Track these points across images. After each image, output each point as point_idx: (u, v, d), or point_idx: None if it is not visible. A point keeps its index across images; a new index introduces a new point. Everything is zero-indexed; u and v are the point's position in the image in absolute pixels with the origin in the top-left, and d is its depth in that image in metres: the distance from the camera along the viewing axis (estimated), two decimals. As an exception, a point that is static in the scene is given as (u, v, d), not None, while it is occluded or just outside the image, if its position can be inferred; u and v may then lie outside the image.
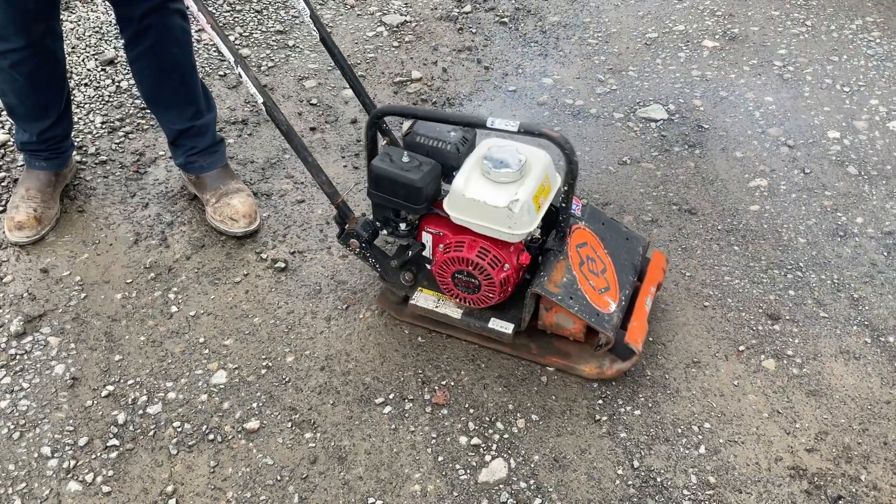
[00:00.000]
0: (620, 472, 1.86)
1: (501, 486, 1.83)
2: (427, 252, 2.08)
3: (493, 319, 2.04)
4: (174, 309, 2.25)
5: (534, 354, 2.06)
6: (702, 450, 1.90)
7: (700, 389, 2.03)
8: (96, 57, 3.20)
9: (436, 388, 2.03)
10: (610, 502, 1.81)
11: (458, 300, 2.04)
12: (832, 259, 2.39)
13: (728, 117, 2.96)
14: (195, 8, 1.90)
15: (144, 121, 2.91)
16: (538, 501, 1.81)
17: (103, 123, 2.89)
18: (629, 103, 3.04)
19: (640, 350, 1.96)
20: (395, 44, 3.37)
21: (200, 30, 3.11)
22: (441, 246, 2.01)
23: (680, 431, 1.94)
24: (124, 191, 2.62)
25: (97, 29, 3.36)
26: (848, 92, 3.06)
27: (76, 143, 2.75)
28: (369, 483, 1.84)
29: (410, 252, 2.05)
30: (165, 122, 2.46)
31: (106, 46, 3.26)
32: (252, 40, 3.36)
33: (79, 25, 3.38)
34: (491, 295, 1.97)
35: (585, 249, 2.02)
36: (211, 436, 1.94)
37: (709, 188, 2.65)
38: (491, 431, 1.94)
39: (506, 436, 1.93)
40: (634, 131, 2.91)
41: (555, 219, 1.98)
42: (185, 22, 2.30)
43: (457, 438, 1.93)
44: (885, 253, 2.41)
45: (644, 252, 2.17)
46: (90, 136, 2.83)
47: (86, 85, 3.06)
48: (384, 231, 2.07)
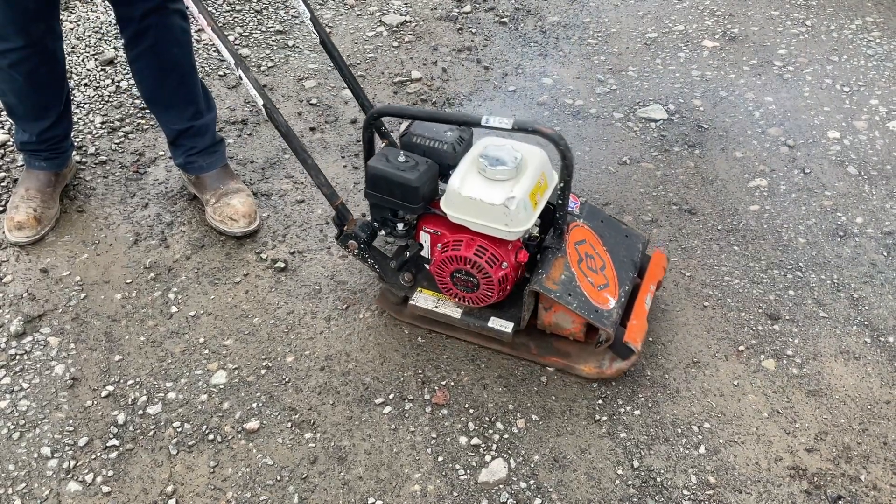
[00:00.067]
0: (620, 472, 1.86)
1: (501, 486, 1.83)
2: (425, 252, 2.08)
3: (493, 318, 2.04)
4: (174, 309, 2.25)
5: (533, 354, 2.06)
6: (702, 450, 1.90)
7: (700, 389, 2.03)
8: (96, 57, 3.20)
9: (436, 389, 2.03)
10: (610, 502, 1.81)
11: (457, 299, 2.04)
12: (832, 259, 2.39)
13: (728, 117, 2.96)
14: (195, 9, 1.90)
15: (144, 121, 2.91)
16: (538, 501, 1.81)
17: (103, 123, 2.89)
18: (629, 103, 3.03)
19: (640, 349, 1.96)
20: (395, 44, 3.37)
21: (200, 30, 3.11)
22: (439, 245, 2.01)
23: (680, 431, 1.94)
24: (124, 191, 2.62)
25: (97, 29, 3.36)
26: (848, 92, 3.06)
27: (76, 143, 2.75)
28: (369, 483, 1.84)
29: (409, 252, 2.05)
30: (165, 122, 2.46)
31: (106, 46, 3.26)
32: (252, 40, 3.36)
33: (78, 25, 3.38)
34: (489, 293, 1.97)
35: (584, 247, 2.02)
36: (211, 436, 1.94)
37: (709, 188, 2.65)
38: (491, 431, 1.94)
39: (506, 436, 1.93)
40: (634, 131, 2.90)
41: (553, 216, 1.98)
42: (185, 22, 2.30)
43: (457, 438, 1.93)
44: (885, 253, 2.41)
45: (644, 249, 2.17)
46: (90, 136, 2.83)
47: (85, 85, 3.06)
48: (382, 231, 2.07)
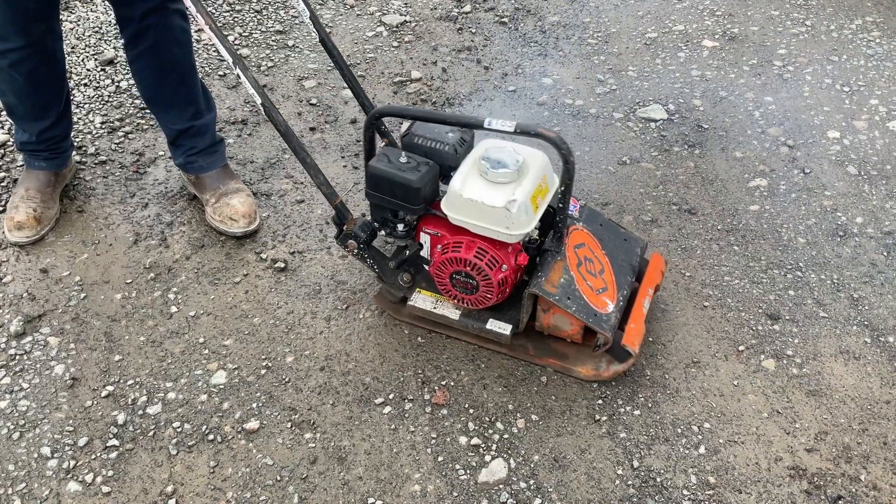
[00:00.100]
0: (620, 472, 1.86)
1: (501, 487, 1.83)
2: (425, 253, 2.08)
3: (492, 320, 2.04)
4: (174, 309, 2.25)
5: (531, 356, 2.06)
6: (701, 450, 1.90)
7: (700, 389, 2.03)
8: (96, 57, 3.20)
9: (436, 389, 2.03)
10: (610, 502, 1.81)
11: (456, 301, 2.04)
12: (832, 259, 2.39)
13: (728, 117, 2.96)
14: (194, 8, 1.90)
15: (144, 121, 2.91)
16: (538, 501, 1.81)
17: (103, 123, 2.89)
18: (629, 103, 3.03)
19: (637, 352, 1.96)
20: (395, 44, 3.37)
21: (200, 30, 3.11)
22: (439, 247, 2.01)
23: (680, 431, 1.94)
24: (124, 191, 2.62)
25: (97, 29, 3.36)
26: (848, 92, 3.06)
27: (76, 143, 2.75)
28: (369, 483, 1.84)
29: (408, 253, 2.05)
30: (165, 122, 2.46)
31: (105, 46, 3.26)
32: (252, 40, 3.36)
33: (78, 25, 3.37)
34: (489, 296, 1.97)
35: (583, 250, 2.02)
36: (211, 436, 1.94)
37: (708, 188, 2.65)
38: (491, 431, 1.94)
39: (506, 436, 1.93)
40: (634, 131, 2.90)
41: (553, 220, 1.98)
42: (185, 22, 2.30)
43: (457, 438, 1.93)
44: (885, 253, 2.41)
45: (642, 253, 2.17)
46: (90, 136, 2.83)
47: (85, 85, 3.06)
48: (382, 232, 2.07)
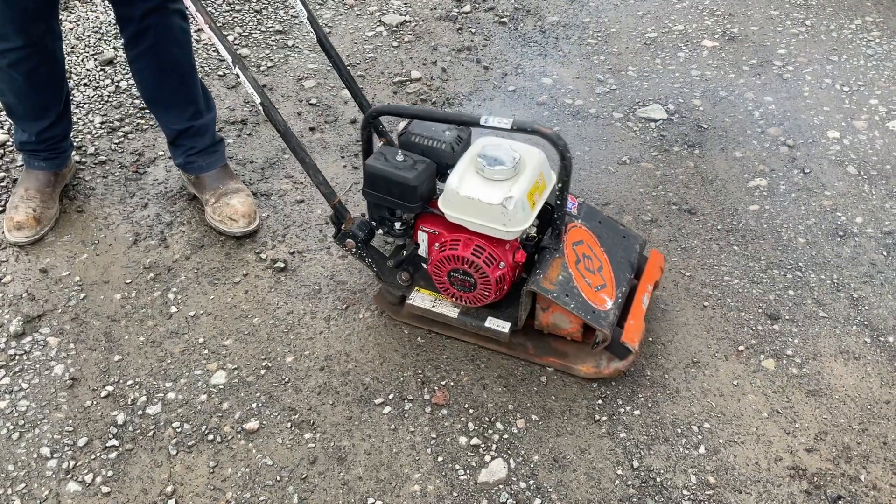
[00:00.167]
0: (620, 473, 1.86)
1: (501, 487, 1.83)
2: (423, 251, 2.08)
3: (490, 318, 2.04)
4: (173, 309, 2.25)
5: (531, 354, 2.06)
6: (701, 450, 1.90)
7: (700, 389, 2.03)
8: (95, 57, 3.20)
9: (435, 389, 2.03)
10: (610, 502, 1.81)
11: (455, 299, 2.04)
12: (832, 259, 2.39)
13: (727, 117, 2.96)
14: (193, 8, 1.90)
15: (144, 121, 2.91)
16: (538, 501, 1.81)
17: (102, 123, 2.88)
18: (628, 103, 3.03)
19: (637, 349, 1.96)
20: (395, 44, 3.37)
21: (200, 30, 3.11)
22: (436, 245, 2.01)
23: (679, 431, 1.94)
24: (123, 191, 2.62)
25: (96, 29, 3.36)
26: (847, 92, 3.06)
27: (75, 143, 2.74)
28: (369, 483, 1.84)
29: (406, 251, 2.05)
30: (165, 122, 2.46)
31: (105, 46, 3.26)
32: (251, 40, 3.36)
33: (78, 25, 3.37)
34: (487, 293, 1.97)
35: (581, 247, 2.02)
36: (210, 436, 1.94)
37: (708, 188, 2.65)
38: (491, 432, 1.94)
39: (505, 436, 1.93)
40: (634, 131, 2.90)
41: (551, 217, 1.98)
42: (185, 22, 2.30)
43: (456, 439, 1.93)
44: (885, 253, 2.41)
45: (641, 250, 2.17)
46: (89, 136, 2.83)
47: (85, 85, 3.06)
48: (380, 230, 2.07)
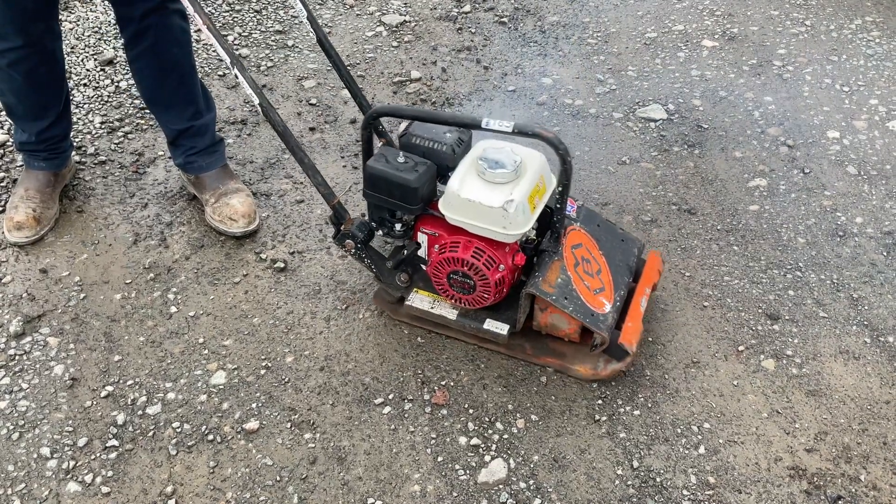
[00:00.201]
0: (620, 473, 1.86)
1: (501, 487, 1.83)
2: (422, 252, 2.08)
3: (489, 320, 2.04)
4: (173, 309, 2.25)
5: (529, 355, 2.06)
6: (701, 450, 1.90)
7: (699, 389, 2.03)
8: (95, 57, 3.20)
9: (435, 389, 2.03)
10: (609, 502, 1.81)
11: (454, 301, 2.04)
12: (832, 259, 2.39)
13: (727, 117, 2.96)
14: (191, 8, 1.90)
15: (143, 121, 2.91)
16: (538, 502, 1.81)
17: (102, 123, 2.88)
18: (628, 103, 3.03)
19: (635, 351, 1.96)
20: (395, 44, 3.37)
21: (199, 30, 3.11)
22: (436, 246, 2.01)
23: (679, 431, 1.94)
24: (123, 191, 2.62)
25: (96, 29, 3.36)
26: (847, 92, 3.06)
27: (75, 144, 2.74)
28: (369, 483, 1.84)
29: (406, 252, 2.05)
30: (165, 122, 2.46)
31: (105, 46, 3.26)
32: (251, 40, 3.36)
33: (78, 25, 3.37)
34: (486, 295, 1.97)
35: (580, 250, 2.02)
36: (210, 436, 1.94)
37: (708, 188, 2.65)
38: (490, 432, 1.94)
39: (505, 436, 1.93)
40: (634, 131, 2.90)
41: (550, 220, 1.98)
42: (185, 22, 2.30)
43: (456, 439, 1.93)
44: (885, 253, 2.41)
45: (639, 253, 2.17)
46: (89, 137, 2.83)
47: (85, 85, 3.06)
48: (380, 232, 2.07)
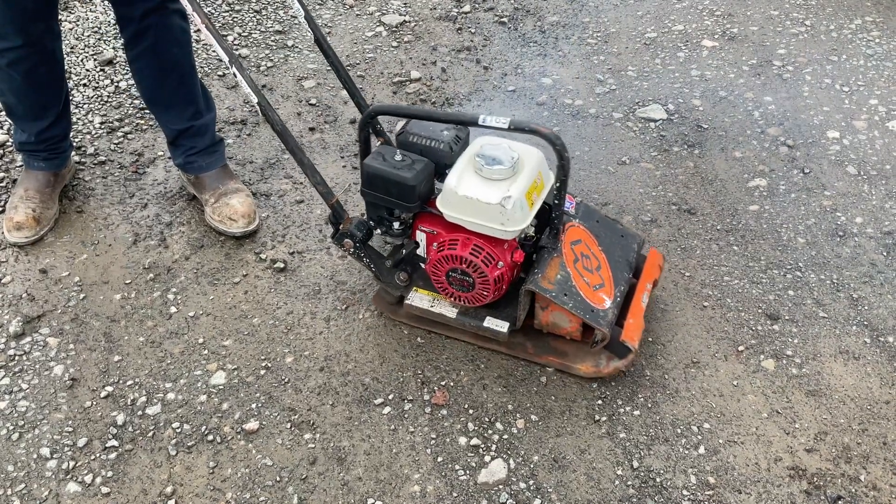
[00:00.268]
0: (620, 473, 1.86)
1: (501, 487, 1.83)
2: (421, 251, 2.08)
3: (489, 318, 2.03)
4: (173, 309, 2.25)
5: (530, 354, 2.06)
6: (701, 450, 1.90)
7: (699, 390, 2.03)
8: (95, 57, 3.20)
9: (435, 389, 2.03)
10: (609, 502, 1.80)
11: (453, 299, 2.04)
12: (831, 259, 2.39)
13: (727, 117, 2.96)
14: (189, 7, 1.90)
15: (143, 121, 2.90)
16: (538, 502, 1.81)
17: (102, 124, 2.88)
18: (628, 103, 3.03)
19: (637, 347, 1.96)
20: (394, 44, 3.37)
21: (199, 30, 3.11)
22: (435, 244, 2.01)
23: (679, 432, 1.94)
24: (123, 191, 2.62)
25: (96, 29, 3.36)
26: (847, 92, 3.06)
27: (75, 144, 2.74)
28: (368, 484, 1.84)
29: (404, 251, 2.05)
30: (165, 122, 2.46)
31: (105, 46, 3.26)
32: (251, 40, 3.36)
33: (77, 25, 3.37)
34: (485, 293, 1.97)
35: (580, 247, 2.02)
36: (210, 436, 1.94)
37: (708, 188, 2.65)
38: (490, 432, 1.94)
39: (505, 436, 1.93)
40: (634, 131, 2.90)
41: (549, 216, 1.98)
42: (185, 22, 2.30)
43: (456, 439, 1.93)
44: (885, 253, 2.41)
45: (639, 249, 2.17)
46: (89, 137, 2.83)
47: (84, 85, 3.06)
48: (378, 230, 2.07)
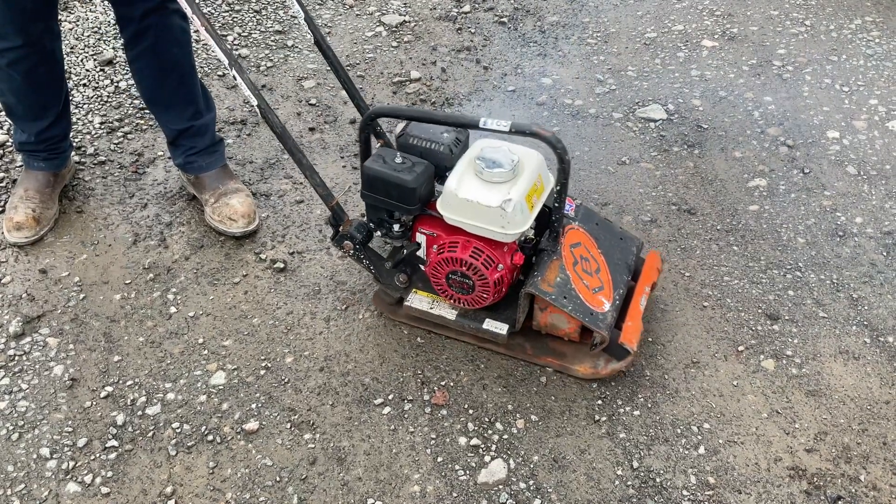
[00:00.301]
0: (620, 473, 1.86)
1: (501, 487, 1.83)
2: (421, 253, 2.08)
3: (488, 320, 2.04)
4: (173, 310, 2.25)
5: (529, 355, 2.06)
6: (701, 450, 1.90)
7: (699, 390, 2.03)
8: (95, 57, 3.20)
9: (435, 389, 2.03)
10: (609, 503, 1.80)
11: (453, 301, 2.04)
12: (831, 259, 2.39)
13: (727, 117, 2.96)
14: (188, 8, 1.90)
15: (143, 121, 2.90)
16: (537, 502, 1.81)
17: (102, 124, 2.88)
18: (628, 103, 3.03)
19: (635, 350, 1.96)
20: (394, 44, 3.37)
21: (198, 30, 3.11)
22: (435, 247, 2.01)
23: (679, 432, 1.94)
24: (123, 191, 2.62)
25: (96, 29, 3.36)
26: (847, 92, 3.06)
27: (75, 144, 2.74)
28: (368, 484, 1.84)
29: (404, 253, 2.05)
30: (165, 123, 2.46)
31: (105, 46, 3.26)
32: (251, 40, 3.36)
33: (77, 25, 3.37)
34: (485, 295, 1.97)
35: (579, 249, 2.02)
36: (210, 437, 1.94)
37: (708, 188, 2.65)
38: (490, 432, 1.94)
39: (505, 436, 1.93)
40: (633, 131, 2.90)
41: (548, 219, 1.98)
42: (185, 22, 2.30)
43: (456, 439, 1.93)
44: (885, 253, 2.41)
45: (638, 252, 2.17)
46: (89, 137, 2.83)
47: (84, 85, 3.06)
48: (378, 232, 2.07)
